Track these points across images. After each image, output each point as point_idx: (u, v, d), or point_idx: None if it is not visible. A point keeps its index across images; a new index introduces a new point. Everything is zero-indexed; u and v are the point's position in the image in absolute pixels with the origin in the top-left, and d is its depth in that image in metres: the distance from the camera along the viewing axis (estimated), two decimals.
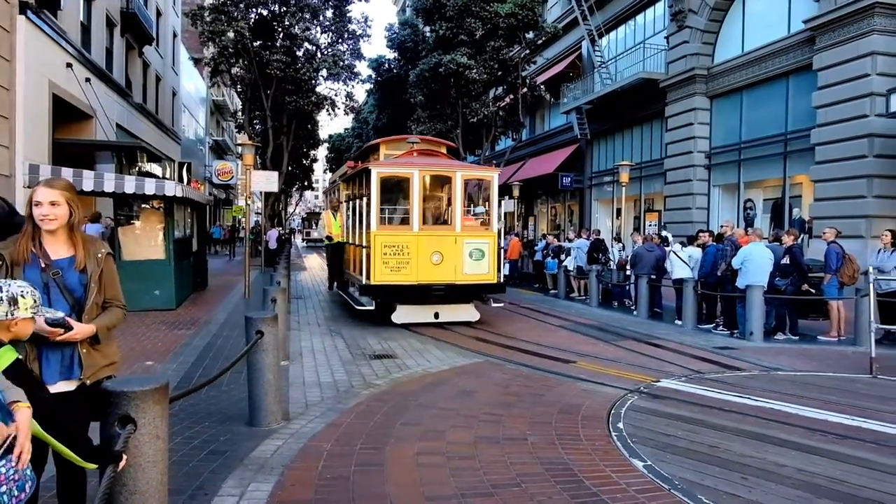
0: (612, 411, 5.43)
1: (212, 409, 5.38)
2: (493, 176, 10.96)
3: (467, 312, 10.45)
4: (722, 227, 11.63)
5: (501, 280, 10.81)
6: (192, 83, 35.53)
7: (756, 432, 4.91)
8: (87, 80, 16.31)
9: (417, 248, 9.91)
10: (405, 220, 10.31)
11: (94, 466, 2.18)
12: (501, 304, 11.07)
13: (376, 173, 10.02)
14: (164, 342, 8.36)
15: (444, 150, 12.49)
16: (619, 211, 18.43)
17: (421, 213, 10.16)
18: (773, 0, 15.94)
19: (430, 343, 8.75)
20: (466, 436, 4.76)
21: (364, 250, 10.05)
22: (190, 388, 3.58)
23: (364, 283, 9.89)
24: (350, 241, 11.62)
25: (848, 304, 9.59)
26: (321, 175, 61.48)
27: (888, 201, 12.75)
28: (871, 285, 7.56)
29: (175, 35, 29.92)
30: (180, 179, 20.18)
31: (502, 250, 10.95)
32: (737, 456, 4.37)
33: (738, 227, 13.76)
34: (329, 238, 14.44)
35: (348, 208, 12.28)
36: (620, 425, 5.03)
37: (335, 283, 13.99)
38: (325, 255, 17.86)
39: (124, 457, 2.23)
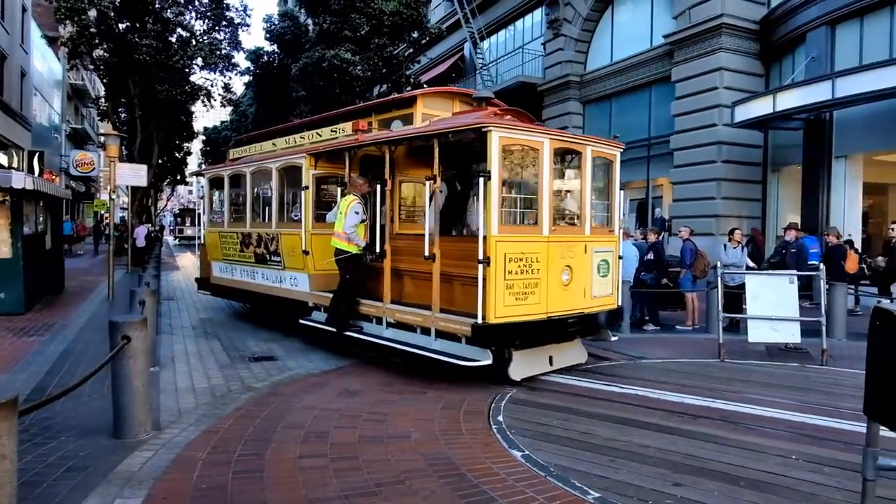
0: (493, 405, 5.61)
1: (70, 421, 4.94)
2: (617, 154, 7.44)
3: (577, 351, 7.41)
4: None
5: (620, 303, 7.72)
6: (45, 64, 32.18)
7: (623, 417, 5.30)
8: None
9: (547, 262, 6.43)
10: (519, 218, 6.65)
11: None
12: (616, 339, 8.14)
13: (499, 138, 6.05)
14: (10, 350, 7.53)
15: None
16: None
17: (551, 208, 6.55)
18: (637, 14, 17.20)
19: (313, 344, 8.57)
20: (350, 436, 4.72)
21: (480, 268, 5.98)
22: (42, 399, 3.26)
23: (479, 322, 5.99)
24: (376, 252, 7.55)
25: (701, 296, 10.59)
26: (196, 168, 58.06)
27: (734, 202, 14.22)
28: (720, 279, 8.41)
29: (24, 9, 26.94)
30: (31, 170, 18.23)
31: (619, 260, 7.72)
32: (605, 440, 4.69)
33: None
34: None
35: (365, 198, 7.71)
36: (500, 418, 5.22)
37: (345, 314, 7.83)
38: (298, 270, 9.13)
39: None
